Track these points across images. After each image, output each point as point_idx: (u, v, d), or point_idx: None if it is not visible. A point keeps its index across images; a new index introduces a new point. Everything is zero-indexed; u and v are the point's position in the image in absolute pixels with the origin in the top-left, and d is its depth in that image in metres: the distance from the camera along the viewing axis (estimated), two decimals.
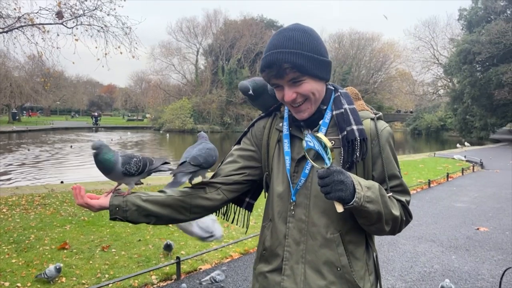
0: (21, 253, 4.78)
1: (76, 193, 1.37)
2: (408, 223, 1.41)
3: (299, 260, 1.35)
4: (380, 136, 1.36)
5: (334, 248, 1.33)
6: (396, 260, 5.00)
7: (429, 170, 13.45)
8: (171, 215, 1.44)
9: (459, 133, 40.24)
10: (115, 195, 1.41)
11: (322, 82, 1.36)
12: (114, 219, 1.39)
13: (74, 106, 69.95)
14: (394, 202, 1.35)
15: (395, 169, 1.39)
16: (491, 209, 7.92)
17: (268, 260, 1.43)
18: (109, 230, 5.80)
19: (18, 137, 30.32)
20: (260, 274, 1.46)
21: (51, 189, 8.35)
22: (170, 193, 1.46)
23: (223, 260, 4.93)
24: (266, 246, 1.44)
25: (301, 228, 1.36)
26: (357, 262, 1.36)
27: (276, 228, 1.41)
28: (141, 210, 1.40)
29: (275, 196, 1.43)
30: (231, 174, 1.50)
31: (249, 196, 1.61)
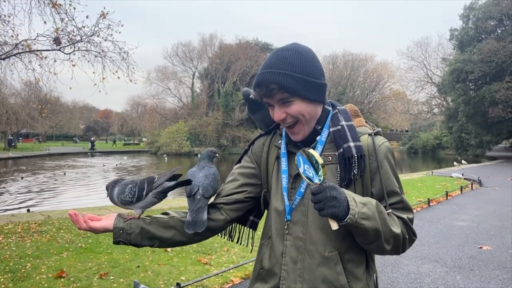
0: (17, 283, 4.66)
1: (76, 220, 1.34)
2: (412, 242, 1.37)
3: (296, 279, 1.32)
4: (377, 152, 1.34)
5: (332, 267, 1.29)
6: (400, 281, 4.91)
7: (427, 188, 13.41)
8: (174, 238, 1.42)
9: (455, 151, 40.38)
10: (119, 218, 1.38)
11: (313, 104, 1.35)
12: (118, 242, 1.38)
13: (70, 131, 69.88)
14: (395, 219, 1.31)
15: (395, 185, 1.34)
16: (492, 227, 7.86)
17: (265, 279, 1.40)
18: (107, 256, 5.69)
19: (14, 164, 30.13)
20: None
21: (48, 216, 8.23)
22: (173, 214, 1.44)
23: (224, 286, 4.83)
24: (264, 264, 1.41)
25: (298, 246, 1.33)
26: (358, 282, 1.32)
27: (274, 245, 1.39)
28: (144, 233, 1.38)
29: (273, 213, 1.42)
30: (233, 193, 1.49)
31: (253, 215, 1.59)
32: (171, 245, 1.46)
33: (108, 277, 4.92)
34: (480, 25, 34.76)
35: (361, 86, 62.07)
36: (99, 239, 6.59)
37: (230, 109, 48.22)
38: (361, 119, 1.46)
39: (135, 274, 5.01)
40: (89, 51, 8.28)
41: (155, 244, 1.41)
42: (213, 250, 6.12)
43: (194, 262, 5.57)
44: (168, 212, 1.45)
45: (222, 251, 6.09)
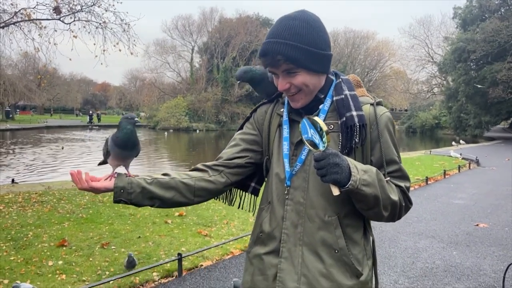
0: (19, 250, 4.71)
1: (78, 179, 1.33)
2: (408, 209, 1.39)
3: (296, 242, 1.34)
4: (378, 121, 1.36)
5: (332, 231, 1.32)
6: (397, 256, 4.98)
7: (425, 167, 13.49)
8: (175, 198, 1.43)
9: (453, 131, 40.44)
10: (120, 176, 1.38)
11: (318, 75, 1.36)
12: (119, 201, 1.38)
13: (68, 104, 69.44)
14: (393, 187, 1.33)
15: (394, 154, 1.37)
16: (489, 205, 7.95)
17: (264, 243, 1.42)
18: (108, 227, 5.74)
19: (11, 136, 30.05)
20: (256, 256, 1.44)
21: (48, 187, 8.27)
22: (174, 175, 1.45)
23: (224, 257, 4.90)
24: (264, 228, 1.43)
25: (299, 210, 1.35)
26: (355, 246, 1.35)
27: (275, 210, 1.41)
28: (145, 193, 1.38)
29: (274, 179, 1.44)
30: (234, 158, 1.51)
31: (255, 181, 1.61)
32: (171, 206, 1.47)
33: (110, 246, 4.98)
34: (484, 4, 34.29)
35: (361, 64, 61.59)
36: (99, 210, 6.64)
37: (229, 85, 47.87)
38: (363, 89, 1.47)
39: (136, 245, 5.07)
40: (89, 21, 8.14)
41: (155, 204, 1.42)
42: (213, 223, 6.19)
43: (194, 234, 5.63)
44: (169, 173, 1.46)
45: (222, 224, 6.16)
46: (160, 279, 4.22)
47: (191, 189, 1.45)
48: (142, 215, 6.42)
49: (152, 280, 4.17)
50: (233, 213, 6.76)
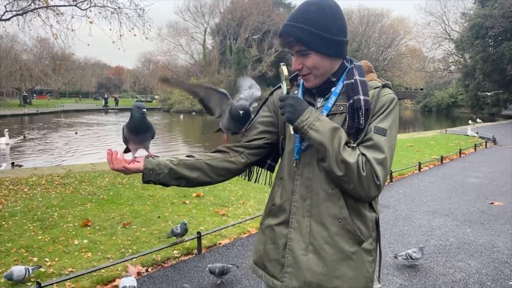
0: (46, 230, 4.93)
1: (113, 158, 1.44)
2: (377, 186, 1.36)
3: (305, 214, 1.45)
4: (379, 100, 1.44)
5: (335, 201, 1.42)
6: (411, 234, 5.07)
7: (441, 146, 13.41)
8: (200, 178, 1.56)
9: (470, 109, 39.77)
10: (149, 159, 1.48)
11: (329, 59, 1.45)
12: (148, 182, 1.49)
13: (83, 88, 70.08)
14: (352, 151, 1.37)
15: (378, 127, 1.40)
16: (505, 184, 7.93)
17: (276, 215, 1.53)
18: (128, 208, 5.93)
19: (29, 121, 30.61)
20: (268, 227, 1.56)
21: (69, 170, 8.51)
22: (198, 157, 1.57)
23: (241, 235, 5.04)
24: (275, 201, 1.55)
25: (307, 185, 1.46)
26: (358, 217, 1.44)
27: (285, 185, 1.52)
28: (172, 173, 1.50)
29: (287, 156, 1.56)
30: (253, 139, 1.63)
31: (271, 159, 1.73)
32: (196, 185, 1.60)
33: (131, 226, 5.17)
34: None
35: (376, 42, 60.58)
36: (119, 191, 6.84)
37: (242, 66, 47.66)
38: (373, 75, 1.55)
39: (156, 224, 5.25)
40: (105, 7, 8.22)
41: (182, 184, 1.55)
42: (229, 203, 6.34)
43: (212, 213, 5.79)
44: (193, 155, 1.59)
45: (238, 204, 6.30)
46: (180, 256, 4.39)
47: (215, 169, 1.57)
48: (161, 196, 6.61)
49: (173, 257, 4.35)
50: (249, 194, 6.90)
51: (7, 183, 7.17)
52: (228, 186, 7.31)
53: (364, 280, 1.43)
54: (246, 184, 7.54)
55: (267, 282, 1.53)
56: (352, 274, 1.41)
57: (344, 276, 1.40)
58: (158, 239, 4.77)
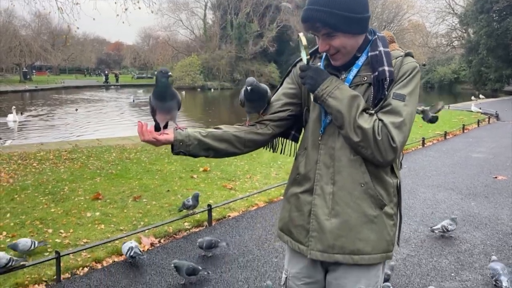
0: (58, 203, 5.02)
1: (143, 130, 1.47)
2: (393, 148, 1.40)
3: (328, 181, 1.50)
4: (401, 68, 1.47)
5: (357, 167, 1.47)
6: (417, 207, 5.16)
7: (444, 122, 13.41)
8: (227, 149, 1.60)
9: (473, 85, 39.52)
10: (178, 131, 1.52)
11: (355, 36, 1.48)
12: (178, 153, 1.54)
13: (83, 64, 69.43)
14: (369, 117, 1.42)
15: (397, 93, 1.43)
16: (508, 159, 8.00)
17: (300, 183, 1.59)
18: (138, 182, 6.02)
19: (30, 97, 30.50)
20: (293, 195, 1.61)
21: (75, 145, 8.57)
22: (225, 129, 1.61)
23: (250, 208, 5.14)
24: (300, 170, 1.60)
25: (331, 154, 1.51)
26: (379, 182, 1.49)
27: (309, 155, 1.57)
28: (202, 145, 1.55)
29: (311, 127, 1.59)
30: (277, 111, 1.67)
31: (295, 130, 1.78)
32: (224, 156, 1.66)
33: (141, 199, 5.26)
34: None
35: (378, 18, 59.61)
36: (127, 166, 6.92)
37: (243, 41, 47.12)
38: (395, 44, 1.59)
39: (166, 198, 5.34)
40: None
41: (210, 155, 1.60)
42: (236, 177, 6.42)
43: (220, 187, 5.88)
44: (221, 127, 1.63)
45: (245, 178, 6.38)
46: (191, 228, 4.49)
47: (242, 140, 1.62)
48: (169, 170, 6.68)
49: (184, 229, 4.45)
50: (255, 168, 6.98)
51: (16, 158, 7.25)
52: (234, 161, 7.37)
53: (385, 243, 1.49)
54: (252, 159, 7.61)
55: (293, 247, 1.59)
56: (374, 237, 1.47)
57: (367, 239, 1.46)
58: (168, 212, 4.86)
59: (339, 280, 1.51)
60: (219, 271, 3.50)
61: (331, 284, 1.54)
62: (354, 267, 1.48)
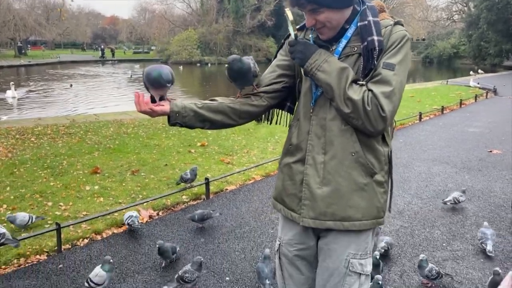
0: (57, 177, 5.07)
1: (139, 101, 1.50)
2: (382, 118, 1.42)
3: (319, 151, 1.53)
4: (390, 37, 1.47)
5: (348, 137, 1.49)
6: (412, 180, 5.23)
7: (442, 97, 13.42)
8: (223, 121, 1.63)
9: (472, 60, 39.30)
10: (175, 102, 1.55)
11: (341, 11, 1.48)
12: (174, 124, 1.57)
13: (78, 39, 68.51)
14: (359, 88, 1.44)
15: (386, 62, 1.44)
16: (504, 133, 8.05)
17: (293, 153, 1.62)
18: (135, 156, 6.06)
19: (26, 72, 30.20)
20: (286, 165, 1.65)
21: (73, 120, 8.57)
22: (221, 101, 1.63)
23: (247, 182, 5.20)
24: (292, 141, 1.63)
25: (322, 124, 1.53)
26: (370, 150, 1.52)
27: (302, 126, 1.59)
28: (197, 116, 1.57)
29: (302, 99, 1.62)
30: (272, 83, 1.69)
31: (290, 101, 1.79)
32: (219, 127, 1.68)
33: (140, 173, 5.31)
34: None
35: None
36: (125, 141, 6.95)
37: (240, 15, 46.40)
38: (385, 13, 1.58)
39: (164, 171, 5.39)
40: None
41: (206, 126, 1.62)
42: (234, 152, 6.46)
43: (217, 162, 5.93)
44: (216, 99, 1.65)
45: (242, 153, 6.43)
46: (189, 201, 4.56)
47: (237, 112, 1.64)
48: (166, 145, 6.72)
49: (182, 202, 4.52)
50: (252, 143, 7.02)
51: (14, 132, 7.26)
52: (232, 136, 7.41)
53: (375, 209, 1.54)
54: (249, 134, 7.64)
55: (286, 215, 1.64)
56: (364, 204, 1.52)
57: (357, 206, 1.51)
58: (166, 185, 4.92)
59: (329, 246, 1.57)
60: (216, 242, 3.58)
61: (322, 250, 1.60)
62: (344, 233, 1.54)
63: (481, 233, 3.39)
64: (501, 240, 3.60)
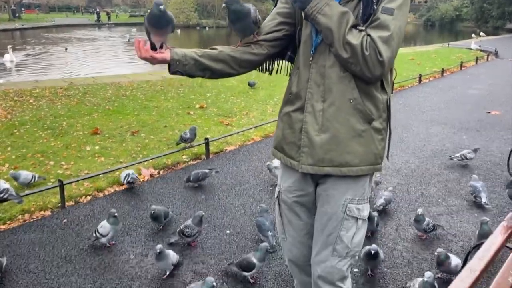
0: (58, 138, 5.10)
1: (140, 46, 1.49)
2: (380, 63, 1.42)
3: (318, 99, 1.54)
4: None
5: (347, 83, 1.50)
6: (410, 140, 5.28)
7: (442, 60, 13.29)
8: (223, 69, 1.62)
9: (474, 23, 38.64)
10: (175, 51, 1.54)
11: None
12: (175, 72, 1.57)
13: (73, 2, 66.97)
14: (358, 33, 1.43)
15: (385, 7, 1.43)
16: (504, 95, 8.04)
17: (292, 102, 1.63)
18: (135, 118, 6.07)
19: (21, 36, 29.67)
20: (285, 114, 1.66)
21: (70, 82, 8.52)
22: (221, 49, 1.62)
23: (246, 143, 5.24)
24: (292, 90, 1.63)
25: (321, 72, 1.53)
26: (368, 97, 1.53)
27: (301, 74, 1.59)
28: (198, 65, 1.57)
29: (302, 47, 1.61)
30: (272, 31, 1.67)
31: (290, 50, 1.77)
32: (220, 76, 1.68)
33: (139, 134, 5.34)
34: None
35: None
36: (124, 102, 6.94)
37: None
38: None
39: (164, 132, 5.42)
40: None
41: (206, 75, 1.63)
42: (233, 114, 6.47)
43: (217, 123, 5.95)
44: (217, 47, 1.64)
45: (241, 115, 6.44)
46: (189, 161, 4.61)
47: (237, 61, 1.63)
48: (165, 107, 6.72)
49: (182, 161, 4.57)
50: (251, 105, 7.01)
51: (12, 94, 7.23)
52: (231, 99, 7.39)
53: (373, 156, 1.56)
54: (249, 96, 7.62)
55: (285, 162, 1.67)
56: (362, 150, 1.54)
57: (355, 152, 1.54)
58: (166, 145, 4.96)
59: (328, 192, 1.61)
60: (216, 198, 3.65)
61: (320, 196, 1.64)
62: (342, 179, 1.57)
63: (472, 187, 3.48)
64: (495, 196, 3.68)
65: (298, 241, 1.75)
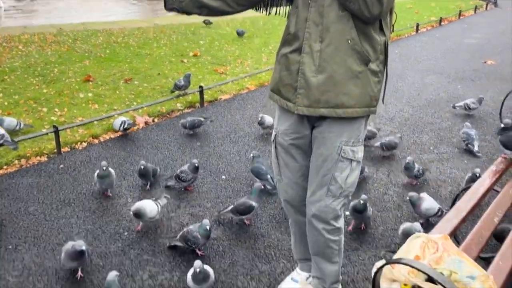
0: (49, 84, 5.03)
1: None
2: (379, 1, 1.41)
3: (316, 39, 1.53)
4: None
5: (345, 23, 1.49)
6: (404, 89, 5.27)
7: (440, 9, 12.97)
8: (220, 7, 1.60)
9: None
10: None
11: None
12: (171, 9, 1.55)
13: None
14: None
15: None
16: (501, 44, 7.95)
17: (290, 43, 1.61)
18: (128, 65, 5.96)
19: None
20: (283, 56, 1.64)
21: (60, 28, 8.26)
22: None
23: (241, 92, 5.21)
24: (290, 30, 1.61)
25: (320, 11, 1.51)
26: (366, 38, 1.52)
27: (300, 13, 1.56)
28: (195, 1, 1.55)
29: None
30: None
31: None
32: (217, 14, 1.66)
33: (133, 82, 5.28)
34: None
35: None
36: (116, 50, 6.79)
37: None
38: None
39: (157, 80, 5.36)
40: None
41: (203, 12, 1.60)
42: (227, 62, 6.37)
43: (211, 72, 5.87)
44: None
45: (236, 63, 6.34)
46: (184, 109, 4.59)
47: None
48: (158, 54, 6.59)
49: (177, 109, 4.56)
50: (246, 54, 6.89)
51: (0, 40, 7.02)
52: (225, 47, 7.25)
53: (368, 97, 1.57)
54: (243, 44, 7.47)
55: (282, 104, 1.67)
56: (358, 91, 1.54)
57: (350, 93, 1.54)
58: (160, 93, 4.92)
59: (323, 134, 1.63)
60: (212, 145, 3.68)
61: (316, 138, 1.67)
62: (337, 122, 1.59)
63: (465, 134, 3.53)
64: (486, 144, 3.74)
65: (294, 182, 1.80)
